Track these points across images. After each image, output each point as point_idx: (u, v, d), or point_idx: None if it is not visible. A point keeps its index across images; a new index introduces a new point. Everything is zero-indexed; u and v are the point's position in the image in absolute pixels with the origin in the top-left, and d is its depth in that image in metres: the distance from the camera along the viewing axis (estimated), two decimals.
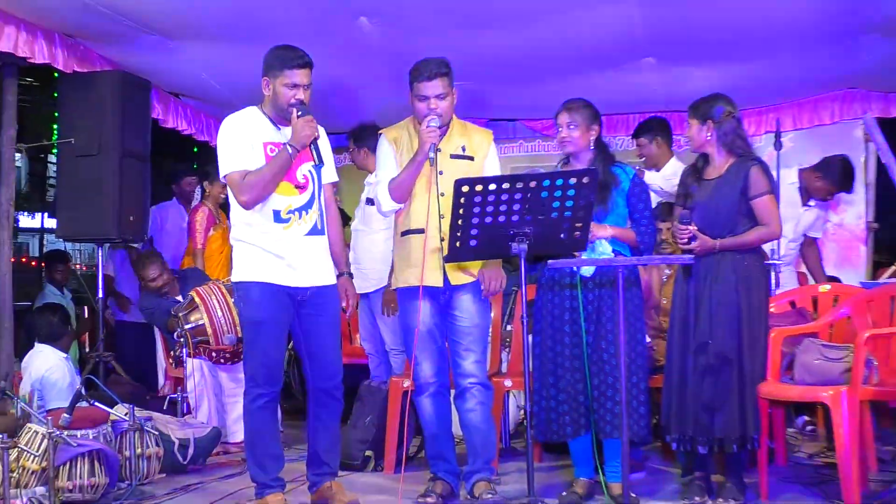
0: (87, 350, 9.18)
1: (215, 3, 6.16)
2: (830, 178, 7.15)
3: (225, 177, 4.90)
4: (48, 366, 6.47)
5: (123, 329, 8.73)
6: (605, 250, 5.06)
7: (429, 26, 6.47)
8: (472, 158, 5.17)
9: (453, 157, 5.12)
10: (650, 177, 7.03)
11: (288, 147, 4.81)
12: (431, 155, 4.95)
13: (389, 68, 6.82)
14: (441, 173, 5.01)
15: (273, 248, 4.87)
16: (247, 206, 4.84)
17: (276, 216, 4.88)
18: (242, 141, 4.87)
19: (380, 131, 5.37)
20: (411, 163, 5.04)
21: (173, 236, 8.47)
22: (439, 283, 5.07)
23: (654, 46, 7.05)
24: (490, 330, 5.76)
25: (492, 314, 5.62)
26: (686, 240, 5.01)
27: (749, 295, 5.03)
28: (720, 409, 4.97)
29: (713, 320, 5.01)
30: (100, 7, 6.08)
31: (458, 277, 5.12)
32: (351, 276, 5.28)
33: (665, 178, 7.07)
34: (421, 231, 5.07)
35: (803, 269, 7.60)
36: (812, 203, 7.25)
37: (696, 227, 5.00)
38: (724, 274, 5.04)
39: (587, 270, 5.11)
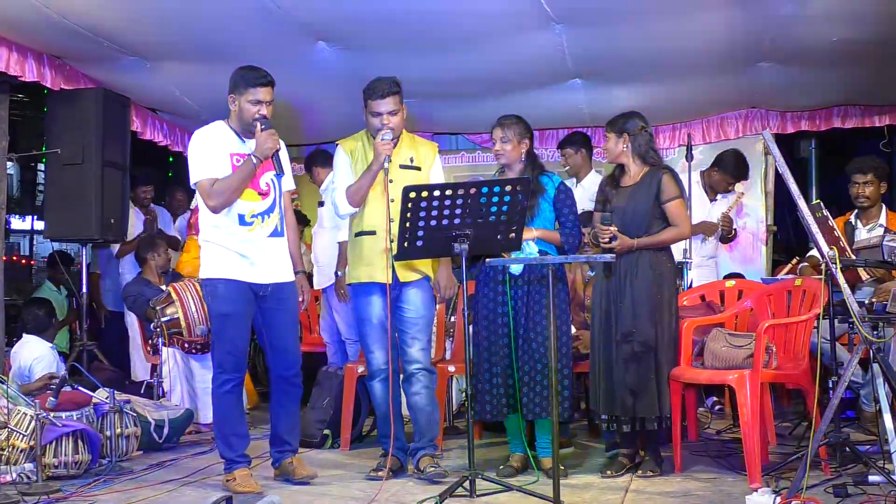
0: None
1: (188, 28, 6.10)
2: (725, 170, 7.23)
3: (195, 184, 4.85)
4: (35, 355, 6.38)
5: (111, 319, 8.61)
6: (531, 251, 5.06)
7: (382, 50, 6.43)
8: (419, 168, 5.15)
9: (402, 167, 5.09)
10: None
11: (253, 157, 4.81)
12: (386, 165, 4.93)
13: (345, 87, 6.76)
14: (391, 181, 4.97)
15: (238, 248, 4.85)
16: (215, 210, 4.82)
17: (241, 220, 4.86)
18: (211, 151, 4.84)
19: (337, 142, 5.31)
20: (367, 172, 5.00)
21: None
22: (388, 279, 5.01)
23: (581, 69, 7.06)
24: (435, 321, 5.72)
25: (436, 307, 5.57)
26: (607, 239, 5.00)
27: (662, 289, 5.05)
28: (641, 392, 4.97)
29: (635, 312, 5.00)
30: (84, 31, 6.04)
31: (406, 275, 5.09)
32: (307, 274, 5.24)
33: (584, 189, 7.10)
34: (373, 233, 5.05)
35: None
36: (719, 197, 7.29)
37: (616, 228, 5.00)
38: (642, 270, 5.04)
39: (516, 269, 5.10)
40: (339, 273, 5.74)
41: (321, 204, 7.03)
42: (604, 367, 5.09)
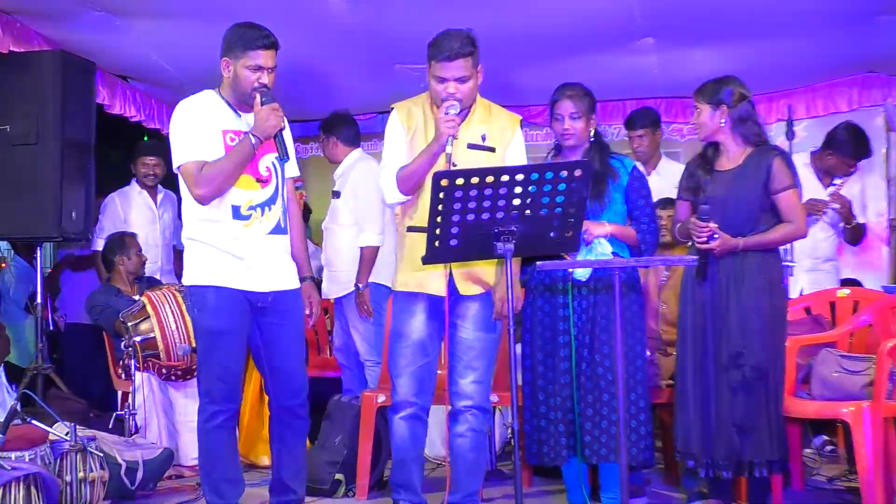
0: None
1: None
2: (840, 150, 7.14)
3: (179, 168, 4.82)
4: None
5: (75, 334, 8.64)
6: (604, 250, 5.03)
7: (405, 5, 6.43)
8: (492, 149, 5.01)
9: (471, 146, 4.95)
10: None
11: (251, 136, 4.75)
12: (449, 149, 4.75)
13: (363, 51, 6.81)
14: (454, 165, 4.79)
15: (231, 247, 4.81)
16: (203, 200, 4.78)
17: (236, 212, 4.82)
18: (199, 128, 4.81)
19: (391, 105, 5.18)
20: (426, 152, 4.87)
21: (140, 228, 8.07)
22: (442, 291, 4.92)
23: (653, 26, 7.04)
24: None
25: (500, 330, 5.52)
26: (705, 238, 4.97)
27: (773, 300, 5.01)
28: (752, 429, 4.93)
29: (744, 329, 4.96)
30: None
31: (467, 287, 4.97)
32: (314, 280, 5.24)
33: (661, 177, 7.11)
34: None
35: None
36: (838, 181, 7.19)
37: (716, 225, 4.95)
38: (750, 277, 5.00)
39: (581, 274, 5.08)
40: (361, 286, 5.77)
41: (336, 194, 7.00)
42: (698, 396, 5.05)
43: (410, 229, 5.02)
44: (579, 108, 5.18)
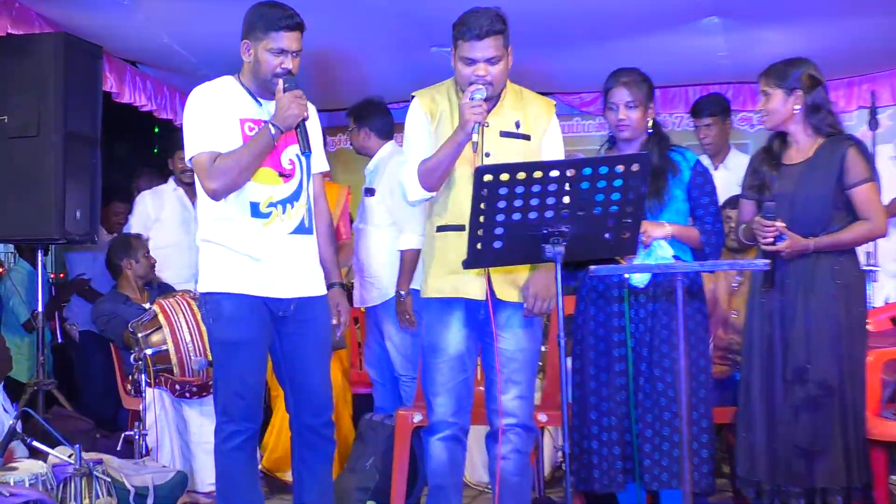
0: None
1: None
2: None
3: (191, 159, 4.82)
4: None
5: (91, 343, 8.67)
6: (664, 254, 4.99)
7: None
8: (528, 137, 4.96)
9: (504, 134, 4.90)
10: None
11: (270, 126, 4.73)
12: (475, 138, 4.69)
13: (396, 32, 6.81)
14: (488, 155, 4.81)
15: (249, 249, 4.80)
16: (216, 195, 4.77)
17: (254, 210, 4.82)
18: (214, 117, 4.80)
19: (413, 94, 5.13)
20: (450, 142, 4.81)
21: (174, 229, 8.11)
22: (480, 295, 4.88)
23: (719, 3, 7.01)
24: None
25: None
26: (772, 239, 4.93)
27: (849, 308, 4.97)
28: (822, 451, 4.90)
29: (810, 340, 4.94)
30: None
31: (507, 292, 4.92)
32: (343, 286, 5.22)
33: (729, 172, 7.09)
34: (462, 228, 4.78)
35: None
36: None
37: (783, 224, 4.93)
38: (822, 282, 4.97)
39: (639, 279, 5.05)
40: (403, 293, 5.75)
41: (370, 192, 7.00)
42: (765, 416, 5.02)
43: (441, 228, 4.98)
44: (636, 96, 5.13)
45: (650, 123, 5.20)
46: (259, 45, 4.78)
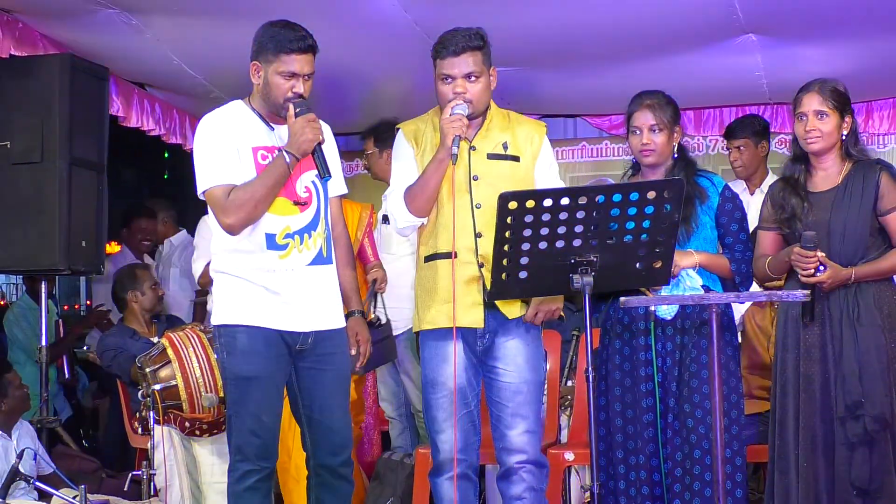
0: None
1: None
2: None
3: (204, 193, 4.82)
4: None
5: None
6: (693, 284, 5.00)
7: (464, 1, 6.45)
8: (517, 159, 5.05)
9: (491, 157, 5.00)
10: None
11: (285, 154, 4.74)
12: (455, 150, 4.78)
13: (414, 53, 6.80)
14: (476, 178, 4.91)
15: (265, 281, 4.80)
16: (233, 230, 4.77)
17: (270, 241, 4.81)
18: (225, 146, 4.79)
19: (397, 126, 5.27)
20: (432, 161, 4.92)
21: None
22: (478, 322, 4.93)
23: (756, 20, 7.01)
24: (545, 387, 5.69)
25: (547, 366, 5.53)
26: (812, 270, 4.94)
27: (894, 337, 4.98)
28: (878, 491, 4.87)
29: (863, 374, 4.92)
30: None
31: (511, 308, 4.97)
32: (363, 314, 5.23)
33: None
34: (451, 255, 4.93)
35: None
36: None
37: (824, 255, 4.92)
38: (867, 312, 4.97)
39: (666, 311, 5.06)
40: None
41: (388, 220, 7.01)
42: (804, 453, 5.02)
43: (430, 258, 5.05)
44: (660, 119, 5.14)
45: (675, 148, 5.20)
46: (269, 68, 4.79)
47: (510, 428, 5.00)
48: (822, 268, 4.91)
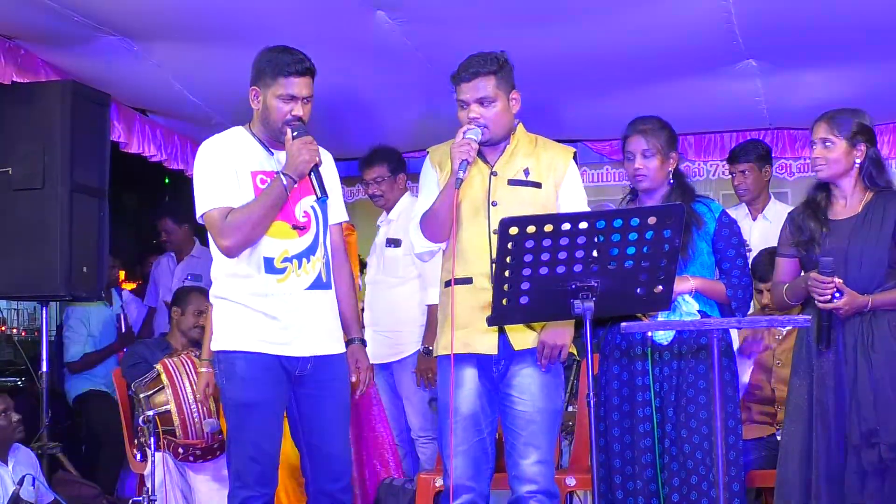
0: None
1: None
2: None
3: (202, 216, 4.82)
4: None
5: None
6: (689, 309, 5.01)
7: (463, 22, 6.46)
8: (538, 185, 5.00)
9: (512, 182, 4.95)
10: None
11: (282, 176, 4.75)
12: (461, 175, 4.74)
13: (415, 77, 6.83)
14: (495, 204, 4.87)
15: (264, 306, 4.79)
16: (230, 252, 4.77)
17: (269, 266, 4.81)
18: (224, 171, 4.80)
19: (427, 149, 5.23)
20: (444, 188, 4.90)
21: None
22: (492, 349, 4.90)
23: (756, 46, 7.01)
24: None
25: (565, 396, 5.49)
26: (829, 296, 4.92)
27: None
28: None
29: (878, 402, 4.91)
30: (47, 0, 6.05)
31: (522, 339, 4.93)
32: (364, 342, 5.22)
33: (770, 223, 7.09)
34: (468, 281, 4.91)
35: None
36: None
37: (840, 281, 4.90)
38: (882, 340, 4.96)
39: (663, 336, 5.05)
40: (431, 349, 5.76)
41: (394, 243, 7.00)
42: (817, 484, 4.97)
43: (448, 283, 4.99)
44: (653, 144, 5.15)
45: (671, 173, 5.20)
46: (268, 92, 4.80)
47: (522, 457, 4.95)
48: (838, 294, 4.89)
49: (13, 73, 6.75)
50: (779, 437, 5.54)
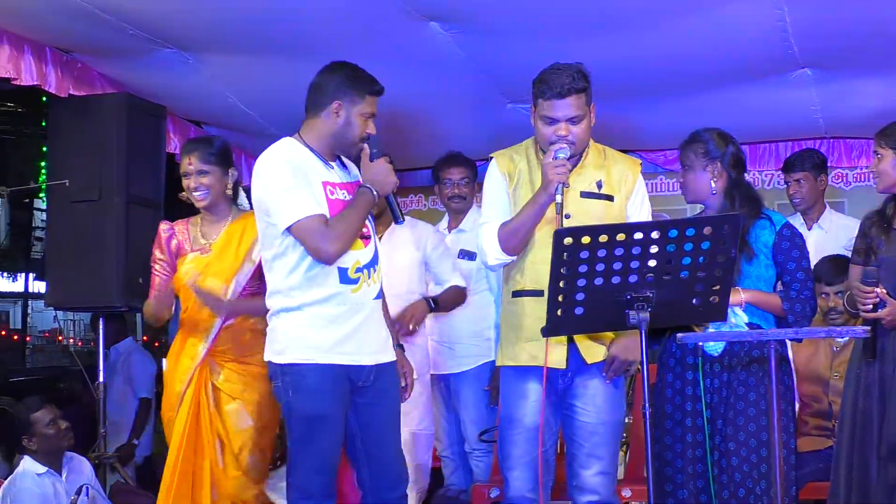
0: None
1: (248, 5, 6.18)
2: None
3: (296, 223, 4.69)
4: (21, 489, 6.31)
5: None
6: (739, 322, 4.97)
7: (517, 32, 6.47)
8: (610, 198, 4.97)
9: (585, 195, 4.92)
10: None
11: (371, 190, 4.80)
12: (558, 199, 4.72)
13: (471, 89, 6.83)
14: (567, 217, 4.80)
15: (338, 317, 4.77)
16: (332, 259, 4.72)
17: (343, 276, 4.80)
18: (304, 180, 4.76)
19: (491, 155, 5.17)
20: (531, 204, 4.84)
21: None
22: (561, 363, 4.87)
23: (812, 54, 6.98)
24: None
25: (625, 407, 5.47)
26: (871, 305, 4.90)
27: None
28: None
29: None
30: (102, 14, 6.12)
31: (593, 352, 4.91)
32: (402, 347, 5.26)
33: (825, 232, 7.06)
34: (539, 293, 4.82)
35: None
36: None
37: (884, 291, 4.89)
38: None
39: (714, 347, 5.03)
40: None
41: (468, 255, 6.99)
42: (856, 492, 4.98)
43: (518, 294, 4.98)
44: (687, 156, 5.21)
45: (713, 185, 5.17)
46: (354, 108, 4.83)
47: (584, 468, 4.94)
48: (884, 304, 4.87)
49: (70, 86, 6.82)
50: None
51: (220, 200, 5.57)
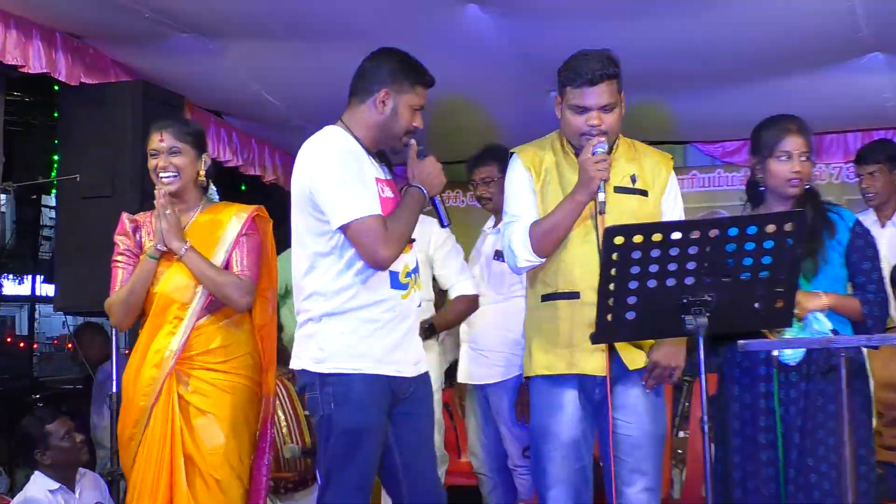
0: None
1: None
2: None
3: (354, 221, 4.58)
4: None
5: None
6: (822, 328, 4.92)
7: (559, 14, 6.48)
8: (645, 193, 4.95)
9: (619, 190, 4.88)
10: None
11: (423, 191, 4.73)
12: (602, 197, 4.70)
13: (513, 77, 6.83)
14: (602, 214, 4.75)
15: (388, 323, 4.71)
16: (386, 263, 4.65)
17: (394, 281, 4.74)
18: (362, 175, 4.68)
19: (512, 150, 5.14)
20: (568, 201, 4.80)
21: None
22: (600, 370, 4.82)
23: (883, 38, 6.96)
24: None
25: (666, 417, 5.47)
26: None
27: None
28: None
29: None
30: None
31: (634, 358, 4.87)
32: None
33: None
34: (575, 296, 4.83)
35: None
36: None
37: None
38: None
39: (791, 356, 5.00)
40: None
41: (499, 255, 6.93)
42: None
43: (549, 297, 4.94)
44: (810, 145, 5.04)
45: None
46: (402, 98, 4.74)
47: (628, 485, 4.90)
48: None
49: (81, 74, 6.83)
50: None
51: (190, 187, 5.40)
